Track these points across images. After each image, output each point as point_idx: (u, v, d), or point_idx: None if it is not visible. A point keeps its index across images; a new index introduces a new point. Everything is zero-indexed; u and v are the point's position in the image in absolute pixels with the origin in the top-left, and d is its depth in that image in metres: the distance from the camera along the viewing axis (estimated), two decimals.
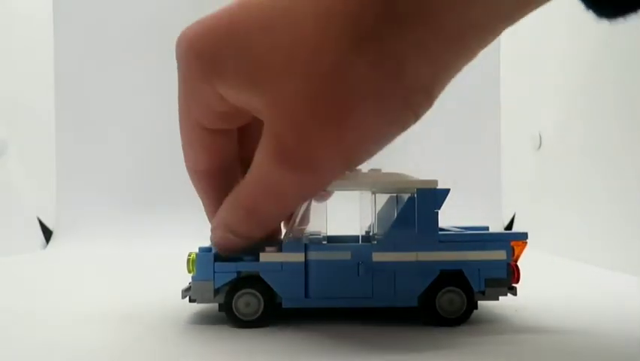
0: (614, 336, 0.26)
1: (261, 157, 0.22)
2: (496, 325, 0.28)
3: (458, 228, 0.33)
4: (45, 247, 0.73)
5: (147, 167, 0.77)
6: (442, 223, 0.33)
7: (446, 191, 0.28)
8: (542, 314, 0.30)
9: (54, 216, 0.76)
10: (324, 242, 0.29)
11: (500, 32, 0.20)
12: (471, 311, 0.28)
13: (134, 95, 0.79)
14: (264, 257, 0.28)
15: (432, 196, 0.28)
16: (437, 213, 0.28)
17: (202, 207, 0.31)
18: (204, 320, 0.30)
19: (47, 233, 0.74)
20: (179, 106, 0.26)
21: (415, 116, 0.21)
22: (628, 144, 0.48)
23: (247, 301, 0.28)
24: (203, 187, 0.28)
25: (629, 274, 0.44)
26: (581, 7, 0.16)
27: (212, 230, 0.27)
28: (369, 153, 0.22)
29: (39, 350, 0.25)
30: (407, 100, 0.20)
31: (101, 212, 0.75)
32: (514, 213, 0.74)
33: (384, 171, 0.30)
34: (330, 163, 0.22)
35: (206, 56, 0.22)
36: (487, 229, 0.33)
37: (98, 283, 0.46)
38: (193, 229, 0.70)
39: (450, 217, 0.33)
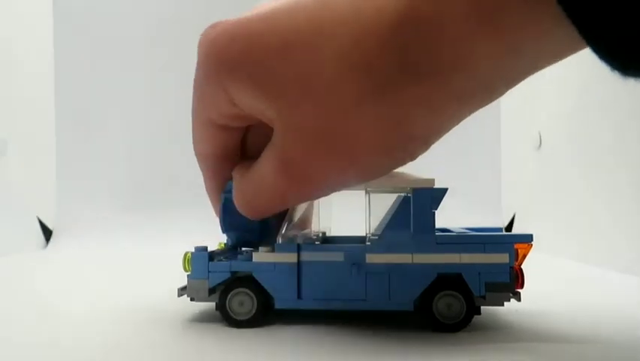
0: (615, 337, 0.26)
1: (266, 162, 0.23)
2: (496, 330, 0.27)
3: (467, 229, 0.32)
4: (45, 246, 0.73)
5: (147, 167, 0.78)
6: (447, 224, 0.33)
7: (444, 190, 0.27)
8: (541, 317, 0.30)
9: (54, 216, 0.76)
10: (317, 243, 0.28)
11: (505, 92, 0.21)
12: (471, 317, 0.27)
13: (135, 95, 0.79)
14: (257, 257, 0.28)
15: (429, 196, 0.27)
16: (434, 213, 0.27)
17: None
18: (203, 319, 0.30)
19: (47, 233, 0.74)
20: (192, 98, 0.26)
21: (411, 158, 0.22)
22: (628, 143, 0.48)
23: (241, 301, 0.28)
24: (205, 167, 0.29)
25: (629, 274, 0.44)
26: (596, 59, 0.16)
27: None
28: (366, 180, 0.23)
29: (39, 349, 0.25)
30: (406, 147, 0.21)
31: (101, 212, 0.76)
32: (514, 213, 0.74)
33: None
34: (331, 182, 0.23)
35: (224, 61, 0.23)
36: (501, 230, 0.31)
37: (98, 282, 0.46)
38: (193, 229, 0.70)
39: (450, 218, 0.33)
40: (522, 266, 0.28)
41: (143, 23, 0.79)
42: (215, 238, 0.34)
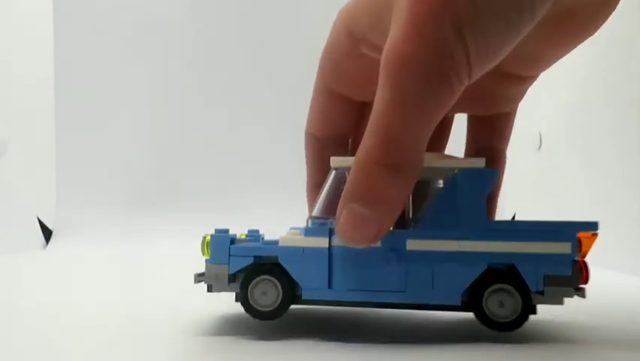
0: (615, 338, 0.26)
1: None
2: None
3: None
4: (45, 246, 0.73)
5: (147, 167, 0.78)
6: None
7: (494, 172, 0.25)
8: (543, 317, 0.30)
9: (54, 216, 0.76)
10: None
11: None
12: (527, 316, 0.24)
13: (135, 95, 0.79)
14: (283, 241, 0.25)
15: (478, 177, 0.24)
16: (484, 197, 0.24)
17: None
18: (210, 319, 0.29)
19: (47, 233, 0.74)
20: (318, 69, 0.29)
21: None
22: (628, 143, 0.48)
23: (264, 290, 0.25)
24: (310, 152, 0.30)
25: (630, 274, 0.44)
26: None
27: (337, 218, 0.22)
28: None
29: (39, 350, 0.25)
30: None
31: (101, 212, 0.75)
32: (515, 213, 0.74)
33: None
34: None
35: (347, 16, 0.26)
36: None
37: (98, 282, 0.46)
38: (193, 229, 0.70)
39: None
40: (586, 258, 0.25)
41: (144, 24, 0.79)
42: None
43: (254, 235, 0.29)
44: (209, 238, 0.26)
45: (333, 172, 0.26)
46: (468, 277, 0.24)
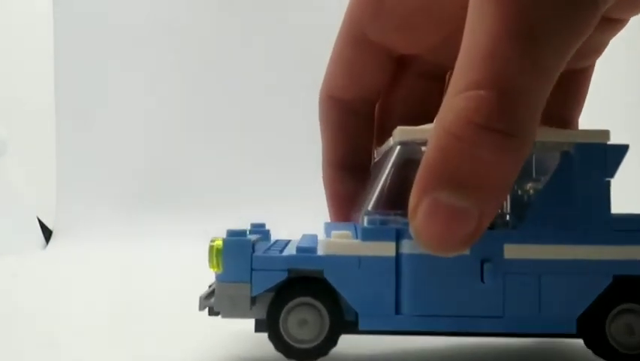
0: None
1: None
2: None
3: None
4: (45, 247, 0.73)
5: (147, 167, 0.77)
6: None
7: (623, 148, 0.19)
8: None
9: (54, 216, 0.76)
10: None
11: None
12: None
13: (135, 95, 0.79)
14: (330, 247, 0.18)
15: (601, 155, 0.18)
16: (609, 182, 0.19)
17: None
18: (211, 320, 0.29)
19: (47, 233, 0.74)
20: (345, 15, 0.23)
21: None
22: (629, 142, 0.48)
23: (302, 318, 0.18)
24: (329, 120, 0.24)
25: None
26: None
27: (410, 214, 0.15)
28: None
29: (39, 350, 0.25)
30: None
31: (101, 212, 0.75)
32: None
33: None
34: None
35: None
36: None
37: (98, 283, 0.46)
38: (193, 229, 0.70)
39: None
40: None
41: (144, 23, 0.79)
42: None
43: (260, 231, 0.22)
44: (219, 243, 0.18)
45: (398, 148, 0.19)
46: (588, 294, 0.18)
